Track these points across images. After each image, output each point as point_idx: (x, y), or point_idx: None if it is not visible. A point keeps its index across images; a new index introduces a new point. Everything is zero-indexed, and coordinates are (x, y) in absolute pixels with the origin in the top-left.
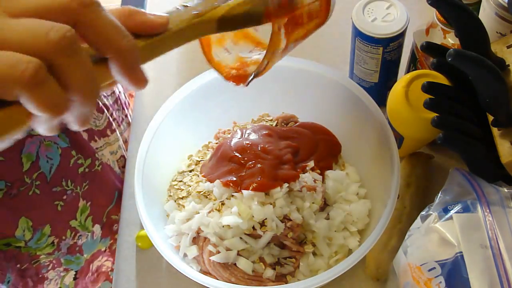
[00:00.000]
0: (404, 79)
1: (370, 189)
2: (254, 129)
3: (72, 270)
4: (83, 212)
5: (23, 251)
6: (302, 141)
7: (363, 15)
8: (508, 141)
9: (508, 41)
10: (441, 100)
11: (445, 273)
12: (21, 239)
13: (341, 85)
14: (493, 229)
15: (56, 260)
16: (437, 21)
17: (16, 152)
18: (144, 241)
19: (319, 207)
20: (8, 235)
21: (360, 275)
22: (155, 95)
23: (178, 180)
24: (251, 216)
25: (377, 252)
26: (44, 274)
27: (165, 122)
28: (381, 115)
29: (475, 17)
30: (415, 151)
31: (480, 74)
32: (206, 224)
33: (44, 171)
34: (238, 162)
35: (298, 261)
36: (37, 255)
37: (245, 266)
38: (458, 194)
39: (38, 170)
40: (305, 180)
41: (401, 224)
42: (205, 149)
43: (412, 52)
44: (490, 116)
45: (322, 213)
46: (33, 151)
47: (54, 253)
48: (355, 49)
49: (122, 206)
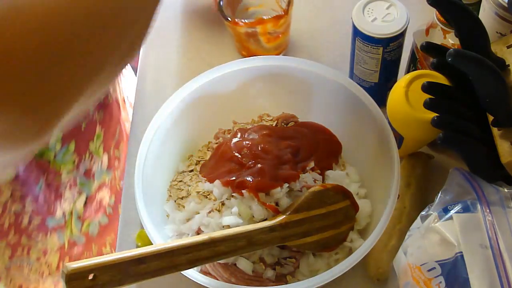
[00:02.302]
0: (404, 79)
1: (370, 189)
2: (254, 129)
3: (84, 194)
4: (98, 139)
5: (51, 166)
6: (302, 141)
7: (363, 15)
8: (508, 141)
9: (508, 41)
10: (441, 100)
11: (445, 273)
12: (52, 150)
13: (341, 85)
14: (493, 229)
15: (73, 180)
16: (437, 21)
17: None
18: (144, 241)
19: None
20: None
21: (360, 275)
22: (155, 95)
23: (178, 180)
24: (251, 216)
25: (377, 252)
26: (62, 192)
27: (165, 122)
28: (381, 115)
29: (475, 17)
30: (415, 151)
31: (480, 74)
32: (206, 224)
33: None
34: (238, 162)
35: (298, 261)
36: (60, 172)
37: (245, 266)
38: (458, 194)
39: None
40: (305, 180)
41: (401, 224)
42: (205, 149)
43: (412, 52)
44: (490, 116)
45: None
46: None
47: (73, 172)
48: (355, 49)
49: (122, 206)
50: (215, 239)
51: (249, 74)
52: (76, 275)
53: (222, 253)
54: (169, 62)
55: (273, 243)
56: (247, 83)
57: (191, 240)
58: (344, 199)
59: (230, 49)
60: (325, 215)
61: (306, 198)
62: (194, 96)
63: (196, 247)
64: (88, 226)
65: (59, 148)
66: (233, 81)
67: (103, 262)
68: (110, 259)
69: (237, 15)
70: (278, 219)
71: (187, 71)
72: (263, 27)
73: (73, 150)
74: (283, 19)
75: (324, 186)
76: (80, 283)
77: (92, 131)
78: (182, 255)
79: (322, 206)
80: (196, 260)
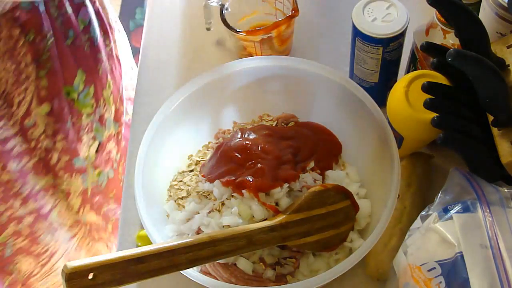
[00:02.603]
0: (404, 79)
1: (370, 189)
2: (254, 129)
3: (97, 140)
4: (109, 87)
5: (75, 105)
6: (302, 141)
7: (363, 15)
8: (508, 141)
9: (508, 41)
10: (441, 100)
11: (445, 273)
12: (76, 90)
13: (341, 85)
14: (493, 229)
15: (90, 125)
16: (437, 21)
17: (74, 15)
18: (144, 241)
19: None
20: (70, 83)
21: (360, 275)
22: (155, 95)
23: (178, 180)
24: (251, 216)
25: (377, 252)
26: (81, 136)
27: (165, 122)
28: (381, 115)
29: (475, 17)
30: (415, 151)
31: (480, 74)
32: (206, 224)
33: (93, 36)
34: (238, 162)
35: (298, 261)
36: (82, 113)
37: (245, 266)
38: (458, 194)
39: (89, 33)
40: (305, 180)
41: (401, 224)
42: (205, 149)
43: (412, 52)
44: (490, 116)
45: None
46: (86, 18)
47: (91, 116)
48: (355, 49)
49: (122, 206)
50: (215, 238)
51: (249, 74)
52: (76, 274)
53: (222, 253)
54: (169, 62)
55: (273, 243)
56: (247, 83)
57: (191, 239)
58: (344, 199)
59: (230, 50)
60: (325, 215)
61: (306, 198)
62: (194, 96)
63: (196, 246)
64: (98, 175)
65: (82, 89)
66: (233, 82)
67: (103, 262)
68: (110, 258)
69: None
70: (278, 219)
71: (187, 71)
72: (277, 30)
73: (92, 94)
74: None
75: (324, 186)
76: (80, 282)
77: (105, 78)
78: (182, 255)
79: (322, 206)
80: (196, 260)
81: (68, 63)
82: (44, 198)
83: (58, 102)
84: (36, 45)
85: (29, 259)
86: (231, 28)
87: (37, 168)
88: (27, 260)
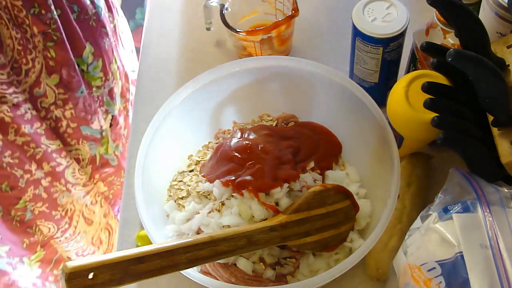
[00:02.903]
0: (404, 79)
1: (370, 189)
2: (254, 129)
3: (110, 114)
4: (115, 62)
5: (85, 76)
6: (302, 141)
7: (363, 15)
8: (508, 141)
9: (508, 41)
10: (441, 100)
11: (445, 273)
12: (85, 61)
13: (341, 85)
14: (493, 229)
15: (101, 98)
16: (437, 21)
17: None
18: (144, 241)
19: None
20: (79, 54)
21: (360, 275)
22: (155, 95)
23: (178, 180)
24: (251, 216)
25: (377, 252)
26: (96, 108)
27: (165, 122)
28: (381, 115)
29: (475, 17)
30: (415, 151)
31: (480, 74)
32: (206, 224)
33: (98, 11)
34: (238, 162)
35: (298, 261)
36: (92, 85)
37: (245, 266)
38: (458, 194)
39: (95, 8)
40: (305, 180)
41: (401, 224)
42: (205, 149)
43: (412, 52)
44: (490, 116)
45: None
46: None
47: (101, 89)
48: (355, 49)
49: (122, 206)
50: (215, 238)
51: (249, 74)
52: (76, 274)
53: (222, 253)
54: (169, 62)
55: (273, 243)
56: (247, 83)
57: (191, 239)
58: (344, 199)
59: (230, 50)
60: (325, 215)
61: (306, 198)
62: (194, 96)
63: (196, 246)
64: (117, 147)
65: (91, 62)
66: (233, 82)
67: (103, 261)
68: (110, 258)
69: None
70: (278, 219)
71: (187, 71)
72: (277, 30)
73: (101, 67)
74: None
75: (324, 186)
76: (80, 282)
77: (111, 53)
78: (182, 254)
79: (322, 206)
80: (196, 260)
81: (76, 35)
82: (57, 159)
83: (67, 72)
84: (42, 17)
85: (49, 224)
86: (231, 28)
87: (48, 133)
88: (47, 224)
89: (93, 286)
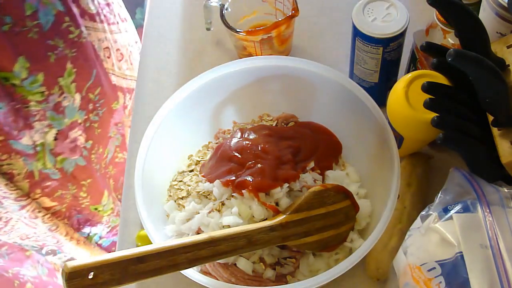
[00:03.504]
0: (404, 79)
1: (370, 189)
2: (254, 129)
3: (54, 128)
4: (69, 76)
5: (18, 90)
6: (303, 141)
7: (363, 15)
8: (508, 141)
9: (508, 41)
10: (441, 100)
11: (445, 273)
12: (18, 76)
13: (341, 85)
14: (493, 229)
15: (43, 112)
16: (437, 21)
17: (19, 0)
18: (144, 241)
19: None
20: (7, 69)
21: (360, 275)
22: (155, 95)
23: (178, 180)
24: (251, 216)
25: (377, 252)
26: (32, 123)
27: (165, 122)
28: (381, 115)
29: (475, 17)
30: (415, 151)
31: (480, 74)
32: (206, 224)
33: (42, 22)
34: (238, 162)
35: (298, 261)
36: (28, 99)
37: (245, 266)
38: (458, 194)
39: (37, 19)
40: (305, 180)
41: (401, 224)
42: (205, 149)
43: (412, 52)
44: (490, 116)
45: None
46: (34, 2)
47: (43, 103)
48: (355, 49)
49: (122, 206)
50: (215, 238)
51: (249, 74)
52: (76, 274)
53: (222, 253)
54: (169, 62)
55: (273, 243)
56: (247, 83)
57: (191, 239)
58: (344, 199)
59: (230, 50)
60: (325, 215)
61: (306, 198)
62: (194, 96)
63: (196, 246)
64: (62, 162)
65: (26, 76)
66: (233, 81)
67: (103, 261)
68: (110, 258)
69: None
70: (278, 219)
71: (187, 71)
72: (277, 30)
73: (42, 81)
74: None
75: (324, 186)
76: (80, 282)
77: (62, 66)
78: (182, 254)
79: (322, 206)
80: (196, 259)
81: (3, 49)
82: None
83: None
84: None
85: None
86: (231, 28)
87: None
88: None
89: (93, 286)
